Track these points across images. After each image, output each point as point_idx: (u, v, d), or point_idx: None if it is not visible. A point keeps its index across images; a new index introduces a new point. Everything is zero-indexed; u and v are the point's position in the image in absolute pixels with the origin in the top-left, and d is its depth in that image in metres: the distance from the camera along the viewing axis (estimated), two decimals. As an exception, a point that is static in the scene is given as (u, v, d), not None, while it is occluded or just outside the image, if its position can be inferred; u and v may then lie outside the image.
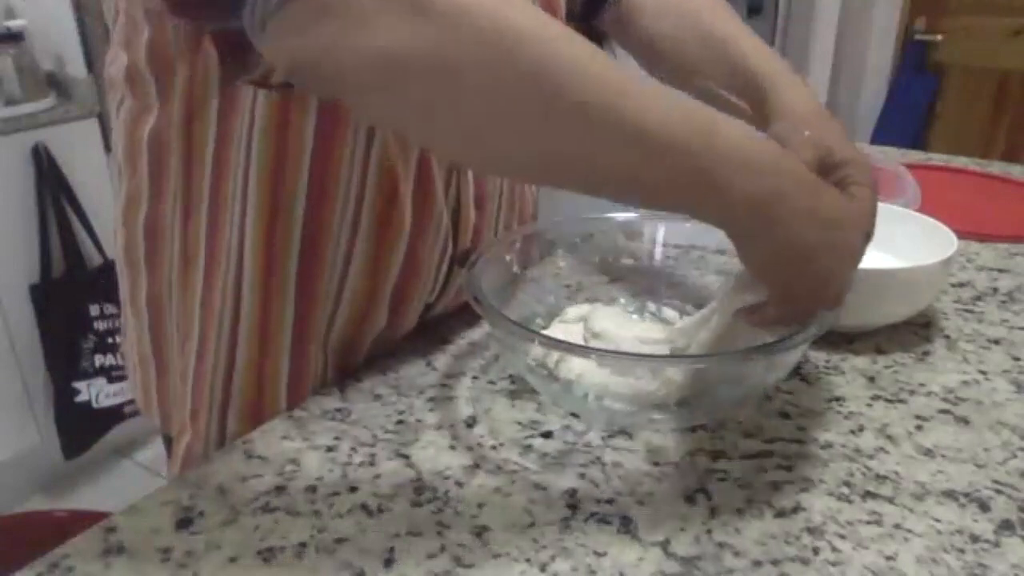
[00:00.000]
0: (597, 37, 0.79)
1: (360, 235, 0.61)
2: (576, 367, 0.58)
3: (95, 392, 1.86)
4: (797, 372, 0.65)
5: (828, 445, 0.56)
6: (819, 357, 0.67)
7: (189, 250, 0.63)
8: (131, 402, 1.89)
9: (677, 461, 0.54)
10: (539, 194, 0.84)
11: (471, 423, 0.58)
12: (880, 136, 2.78)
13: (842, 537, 0.47)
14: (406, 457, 0.55)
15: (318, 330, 0.64)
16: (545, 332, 0.64)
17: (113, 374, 1.87)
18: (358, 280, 0.63)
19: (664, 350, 0.60)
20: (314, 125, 0.56)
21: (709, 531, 0.48)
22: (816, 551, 0.46)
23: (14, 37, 1.78)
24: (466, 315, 0.74)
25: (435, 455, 0.55)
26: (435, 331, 0.71)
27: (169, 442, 0.73)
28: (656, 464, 0.54)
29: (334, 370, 0.66)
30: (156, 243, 0.65)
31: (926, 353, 0.68)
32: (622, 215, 0.76)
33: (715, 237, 0.73)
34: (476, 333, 0.71)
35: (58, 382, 1.83)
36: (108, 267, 1.90)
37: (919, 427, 0.58)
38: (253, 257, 0.60)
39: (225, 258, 0.61)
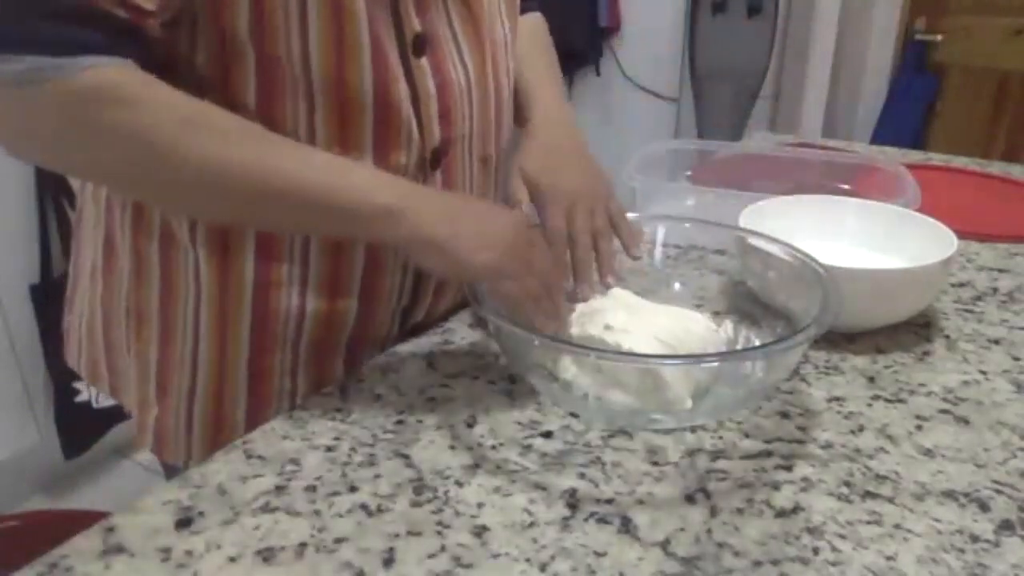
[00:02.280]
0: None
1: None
2: (574, 366, 0.58)
3: (95, 392, 1.85)
4: (797, 372, 0.65)
5: (828, 445, 0.56)
6: (819, 357, 0.67)
7: (140, 249, 0.64)
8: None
9: (677, 461, 0.54)
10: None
11: (471, 423, 0.58)
12: (880, 136, 2.78)
13: (842, 537, 0.47)
14: (406, 457, 0.55)
15: (281, 329, 0.65)
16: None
17: (113, 374, 1.87)
18: (320, 269, 0.63)
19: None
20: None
21: (709, 531, 0.48)
22: (816, 551, 0.46)
23: (14, 37, 1.77)
24: (466, 315, 0.74)
25: (435, 455, 0.55)
26: (435, 331, 0.71)
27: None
28: (656, 464, 0.54)
29: (306, 379, 0.67)
30: (111, 237, 0.66)
31: (926, 353, 0.68)
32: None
33: (715, 237, 0.73)
34: (476, 333, 0.71)
35: (58, 382, 1.83)
36: (108, 267, 1.90)
37: (919, 427, 0.58)
38: (205, 256, 0.62)
39: (182, 260, 0.63)
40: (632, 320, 0.61)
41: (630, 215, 0.75)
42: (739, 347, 0.65)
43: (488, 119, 0.68)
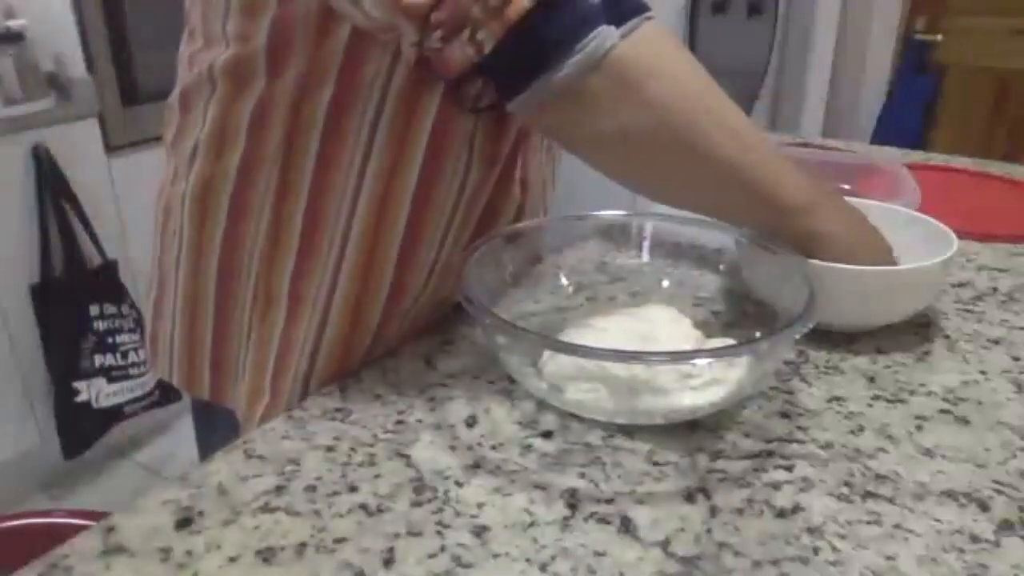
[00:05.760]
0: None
1: (456, 221, 0.68)
2: (562, 365, 0.58)
3: (95, 392, 1.86)
4: (797, 372, 0.65)
5: (828, 445, 0.56)
6: (819, 357, 0.67)
7: (280, 230, 0.66)
8: (131, 402, 1.89)
9: (677, 461, 0.54)
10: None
11: (471, 423, 0.58)
12: (880, 136, 2.78)
13: (842, 537, 0.47)
14: (406, 457, 0.55)
15: (405, 306, 0.69)
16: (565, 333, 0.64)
17: (113, 374, 1.87)
18: (448, 260, 0.69)
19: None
20: (431, 126, 0.62)
21: (709, 531, 0.48)
22: (816, 551, 0.46)
23: (14, 37, 1.78)
24: (466, 315, 0.74)
25: (435, 455, 0.55)
26: (435, 331, 0.71)
27: (201, 412, 0.77)
28: (656, 464, 0.54)
29: (407, 336, 0.71)
30: (239, 221, 0.67)
31: (926, 353, 0.68)
32: (621, 214, 0.76)
33: (715, 237, 0.73)
34: (476, 333, 0.71)
35: (58, 382, 1.83)
36: (108, 267, 1.90)
37: (919, 427, 0.58)
38: (357, 245, 0.64)
39: (327, 244, 0.65)
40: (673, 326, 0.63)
41: (630, 214, 0.76)
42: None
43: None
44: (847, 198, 0.69)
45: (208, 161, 0.67)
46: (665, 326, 0.63)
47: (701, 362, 0.57)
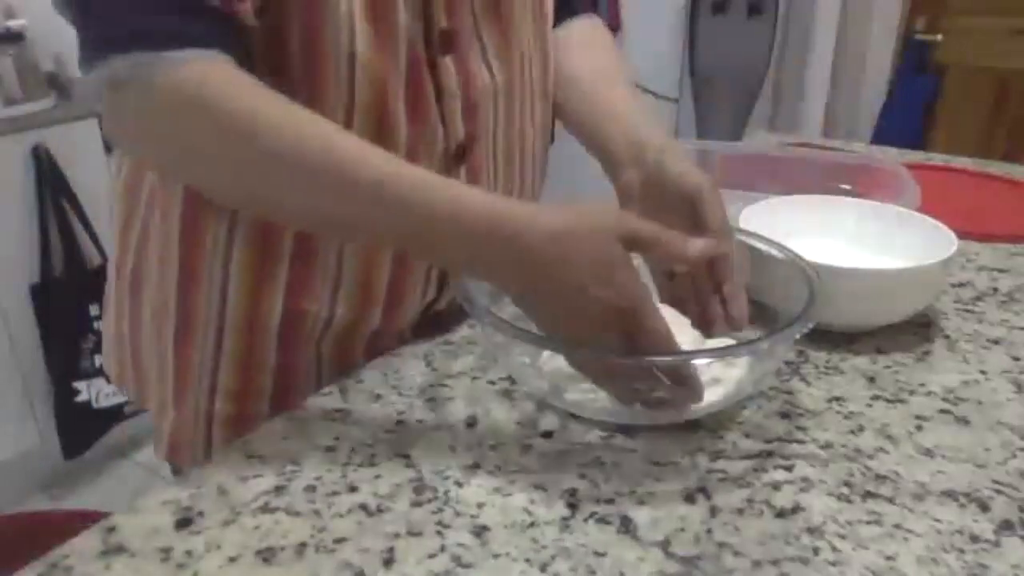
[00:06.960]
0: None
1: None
2: (563, 365, 0.58)
3: (95, 392, 1.86)
4: (797, 372, 0.65)
5: (828, 445, 0.56)
6: (819, 357, 0.67)
7: (168, 235, 0.64)
8: (131, 402, 1.89)
9: (677, 461, 0.54)
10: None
11: (471, 423, 0.58)
12: (880, 136, 2.77)
13: (842, 537, 0.47)
14: (406, 457, 0.55)
15: (310, 328, 0.65)
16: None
17: (113, 374, 1.87)
18: (353, 278, 0.64)
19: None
20: None
21: (709, 531, 0.48)
22: (816, 551, 0.46)
23: (14, 37, 1.77)
24: (466, 315, 0.74)
25: (435, 455, 0.55)
26: (435, 331, 0.71)
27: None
28: (656, 464, 0.54)
29: (330, 368, 0.68)
30: (149, 225, 0.66)
31: (926, 353, 0.68)
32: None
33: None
34: (476, 333, 0.71)
35: (58, 382, 1.83)
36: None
37: (919, 427, 0.58)
38: (240, 256, 0.62)
39: (209, 254, 0.62)
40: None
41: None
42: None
43: (513, 121, 0.69)
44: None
45: (128, 163, 0.67)
46: None
47: (701, 362, 0.57)
